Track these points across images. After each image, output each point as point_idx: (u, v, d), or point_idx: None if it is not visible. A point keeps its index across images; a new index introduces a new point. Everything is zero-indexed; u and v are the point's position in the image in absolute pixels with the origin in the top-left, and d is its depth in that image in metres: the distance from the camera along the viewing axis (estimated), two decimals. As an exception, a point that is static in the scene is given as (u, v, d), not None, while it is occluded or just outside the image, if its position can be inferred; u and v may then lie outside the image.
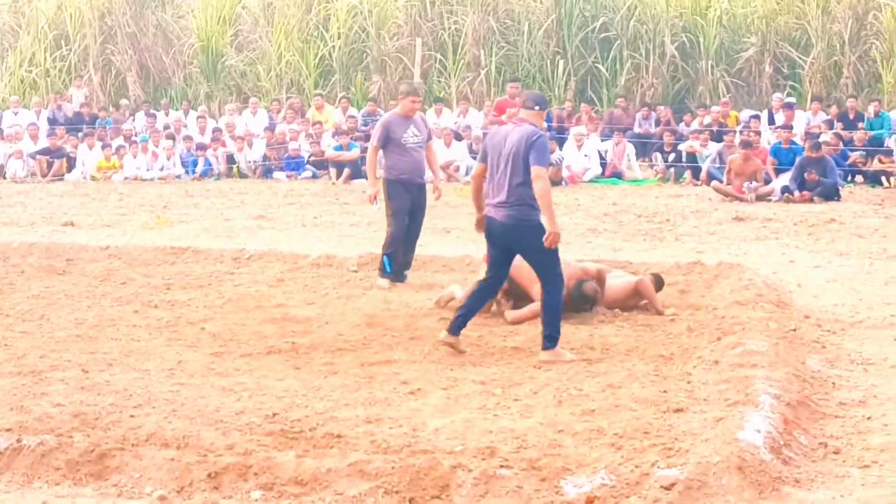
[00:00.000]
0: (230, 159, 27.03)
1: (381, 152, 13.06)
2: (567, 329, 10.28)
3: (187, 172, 26.70)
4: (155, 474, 6.50)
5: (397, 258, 12.84)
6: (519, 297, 11.03)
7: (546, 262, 9.46)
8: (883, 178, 23.45)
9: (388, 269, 12.76)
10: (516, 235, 9.44)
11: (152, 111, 29.94)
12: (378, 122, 13.42)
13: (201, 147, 26.99)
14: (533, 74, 29.67)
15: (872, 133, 24.93)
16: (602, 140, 25.89)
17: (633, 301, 11.29)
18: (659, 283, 11.55)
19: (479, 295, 9.88)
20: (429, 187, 13.24)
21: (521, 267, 10.17)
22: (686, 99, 29.18)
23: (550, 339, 9.37)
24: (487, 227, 9.58)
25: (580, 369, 8.91)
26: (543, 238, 9.17)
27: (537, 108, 9.56)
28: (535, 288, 10.12)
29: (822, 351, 9.68)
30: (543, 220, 9.26)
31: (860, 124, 25.41)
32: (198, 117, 28.90)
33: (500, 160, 9.37)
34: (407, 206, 12.82)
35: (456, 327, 9.55)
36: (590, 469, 6.40)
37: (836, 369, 9.07)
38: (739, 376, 8.14)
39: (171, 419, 7.42)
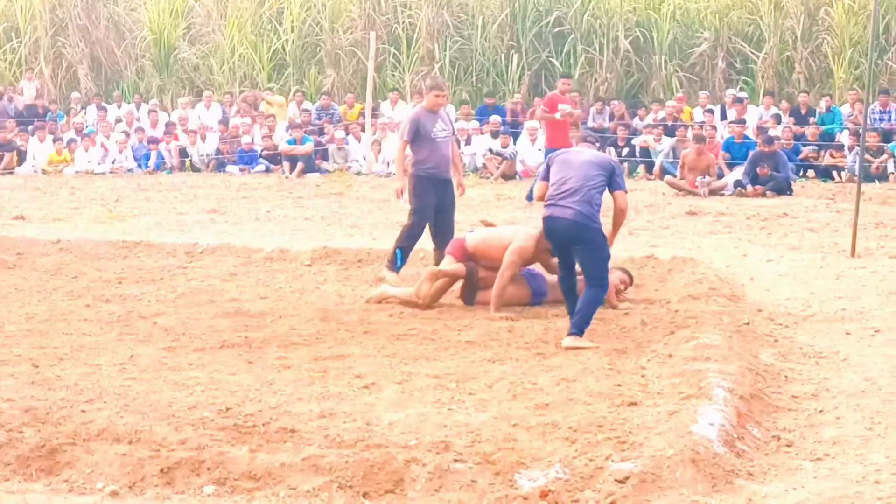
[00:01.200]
0: (183, 153, 26.89)
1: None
2: (522, 324, 10.33)
3: (140, 166, 26.55)
4: (106, 469, 6.44)
5: (408, 254, 12.63)
6: (490, 269, 11.20)
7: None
8: (834, 173, 23.61)
9: (399, 262, 12.52)
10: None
11: (104, 104, 29.74)
12: (406, 118, 13.11)
13: (154, 141, 26.85)
14: (487, 68, 29.68)
15: (824, 128, 25.09)
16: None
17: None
18: (630, 279, 11.63)
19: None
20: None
21: (487, 238, 11.18)
22: (640, 94, 29.26)
23: (580, 328, 9.63)
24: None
25: (535, 363, 8.91)
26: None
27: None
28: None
29: (775, 344, 9.73)
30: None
31: (812, 119, 25.58)
32: (149, 111, 28.75)
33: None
34: (432, 203, 12.48)
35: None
36: (544, 463, 6.39)
37: (788, 363, 9.12)
38: (693, 370, 8.16)
39: (122, 414, 7.35)
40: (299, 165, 25.00)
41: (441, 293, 11.29)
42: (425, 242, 12.80)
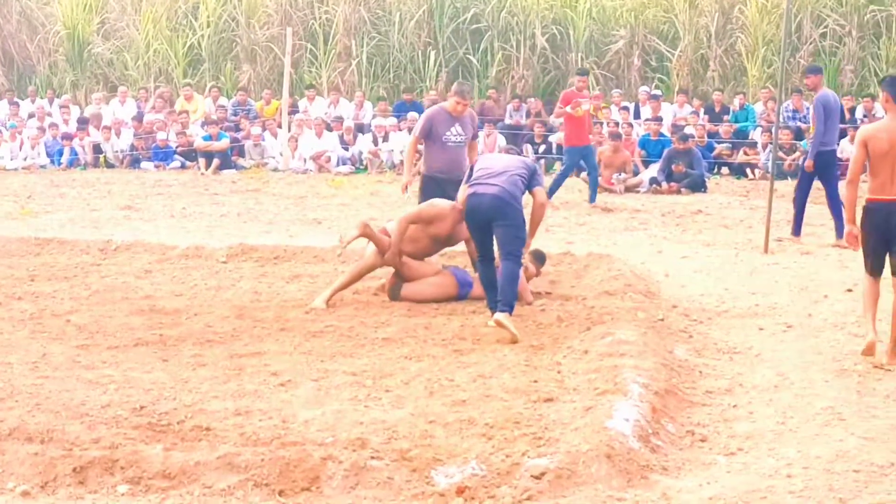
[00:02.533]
0: (97, 149, 26.60)
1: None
2: (439, 320, 10.33)
3: (53, 162, 26.24)
4: (18, 469, 6.37)
5: None
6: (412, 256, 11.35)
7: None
8: (748, 170, 23.88)
9: None
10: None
11: (16, 99, 29.34)
12: (423, 114, 12.94)
13: (67, 136, 26.55)
14: (404, 65, 29.65)
15: (738, 125, 25.37)
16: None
17: None
18: (540, 258, 11.67)
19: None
20: None
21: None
22: (556, 91, 29.33)
23: (510, 304, 9.83)
24: None
25: (451, 360, 8.91)
26: None
27: None
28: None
29: (690, 340, 9.82)
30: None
31: (725, 117, 25.85)
32: (61, 106, 28.40)
33: None
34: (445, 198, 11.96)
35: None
36: (461, 459, 6.41)
37: (702, 358, 9.21)
38: (608, 366, 8.22)
39: (34, 413, 7.26)
40: (215, 162, 24.85)
41: (362, 273, 11.31)
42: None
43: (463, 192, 10.69)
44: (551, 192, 18.46)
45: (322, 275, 12.51)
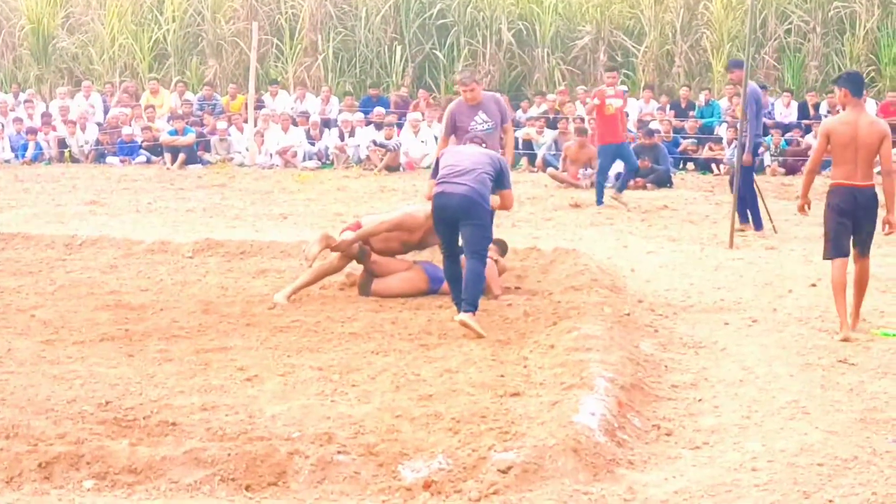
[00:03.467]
0: (62, 143, 26.46)
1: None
2: (405, 315, 10.33)
3: (17, 157, 26.08)
4: (-17, 465, 6.34)
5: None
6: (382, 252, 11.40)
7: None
8: (713, 166, 23.95)
9: None
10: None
11: (-20, 94, 29.20)
12: (445, 112, 12.70)
13: (31, 131, 26.39)
14: (371, 60, 29.63)
15: (703, 121, 25.45)
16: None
17: None
18: (503, 247, 11.71)
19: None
20: None
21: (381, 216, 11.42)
22: (522, 86, 29.41)
23: (475, 304, 9.83)
24: None
25: (418, 355, 8.92)
26: None
27: None
28: None
29: (655, 335, 9.85)
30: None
31: (691, 113, 25.93)
32: (24, 101, 28.24)
33: None
34: None
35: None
36: (427, 454, 6.42)
37: (668, 353, 9.25)
38: (575, 360, 8.24)
39: (-1, 408, 7.25)
40: (181, 156, 24.76)
41: (326, 273, 11.31)
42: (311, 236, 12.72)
43: (430, 188, 10.70)
44: (599, 198, 18.46)
45: (288, 270, 12.50)
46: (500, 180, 10.46)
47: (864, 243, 10.00)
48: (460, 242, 10.28)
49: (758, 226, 15.61)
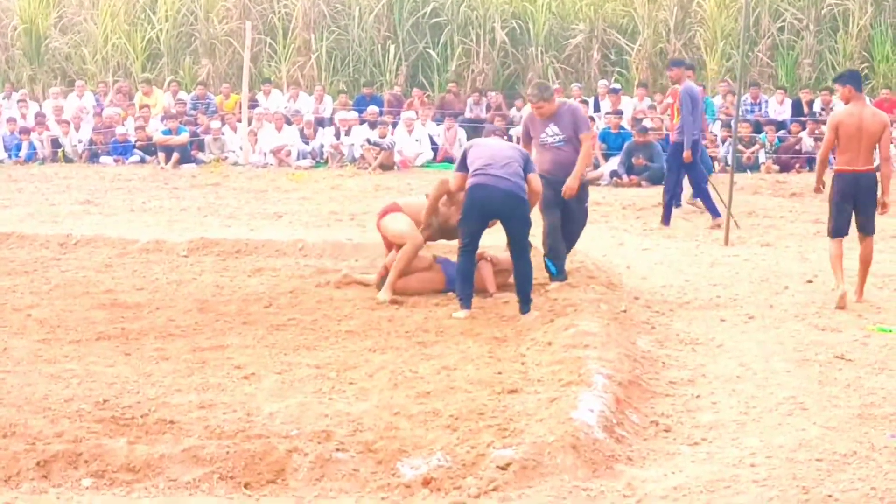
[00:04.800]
0: (55, 143, 26.42)
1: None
2: (402, 313, 10.33)
3: (10, 157, 26.04)
4: (-19, 464, 6.33)
5: (559, 253, 11.65)
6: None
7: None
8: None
9: (553, 271, 11.55)
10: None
11: (-27, 94, 29.12)
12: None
13: (25, 131, 26.35)
14: (364, 59, 29.60)
15: (697, 119, 25.43)
16: (437, 125, 25.97)
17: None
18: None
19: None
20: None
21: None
22: (516, 84, 29.39)
23: (530, 301, 10.25)
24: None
25: (415, 352, 8.93)
26: None
27: None
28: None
29: (652, 331, 9.86)
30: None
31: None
32: (18, 101, 28.18)
33: None
34: (553, 198, 11.52)
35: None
36: (426, 451, 6.42)
37: (665, 349, 9.25)
38: (572, 357, 8.24)
39: (-4, 408, 7.24)
40: (175, 156, 24.71)
41: (410, 261, 11.21)
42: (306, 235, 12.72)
43: (457, 179, 10.73)
44: (699, 196, 17.53)
45: (283, 268, 12.50)
46: (526, 167, 10.58)
47: (866, 223, 11.16)
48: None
49: (715, 214, 15.89)
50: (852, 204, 11.10)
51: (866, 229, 11.16)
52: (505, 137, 21.32)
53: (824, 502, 5.89)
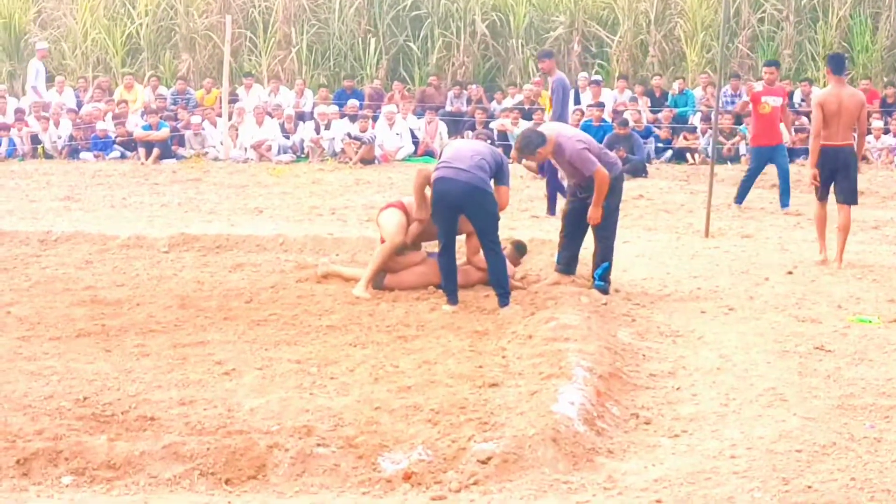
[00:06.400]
0: (35, 139, 26.32)
1: None
2: (383, 307, 10.32)
3: (-10, 153, 25.94)
4: (-40, 462, 6.31)
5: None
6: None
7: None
8: (688, 155, 24.00)
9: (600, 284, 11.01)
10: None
11: (-48, 90, 28.99)
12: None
13: (4, 127, 26.24)
14: (344, 52, 29.59)
15: (677, 111, 25.50)
16: (417, 118, 25.96)
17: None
18: (522, 250, 11.73)
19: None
20: None
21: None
22: (497, 77, 29.41)
23: (508, 297, 10.29)
24: None
25: (396, 346, 8.93)
26: None
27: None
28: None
29: (633, 324, 9.87)
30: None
31: (665, 102, 25.97)
32: (-3, 97, 28.08)
33: None
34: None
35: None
36: (407, 445, 6.41)
37: (646, 342, 9.27)
38: (553, 350, 8.25)
39: (-24, 406, 7.21)
40: (155, 151, 24.65)
41: (389, 258, 11.23)
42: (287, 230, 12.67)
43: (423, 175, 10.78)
44: (741, 196, 17.38)
45: (264, 263, 12.49)
46: (498, 175, 10.54)
47: (845, 192, 12.66)
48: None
49: (552, 210, 16.10)
50: (832, 175, 12.60)
51: (846, 198, 12.67)
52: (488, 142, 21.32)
53: (804, 493, 5.91)
